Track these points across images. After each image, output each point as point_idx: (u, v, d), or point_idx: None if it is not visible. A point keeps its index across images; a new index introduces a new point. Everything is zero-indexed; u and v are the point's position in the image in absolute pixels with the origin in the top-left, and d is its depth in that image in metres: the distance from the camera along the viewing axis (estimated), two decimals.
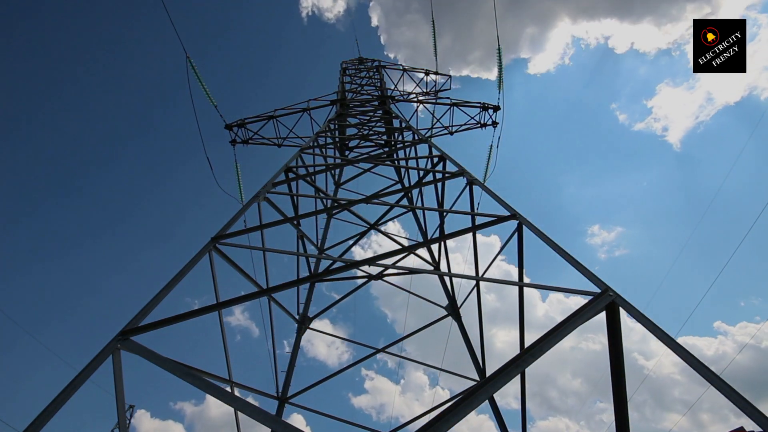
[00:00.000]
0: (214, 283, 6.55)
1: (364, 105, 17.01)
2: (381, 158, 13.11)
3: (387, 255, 6.87)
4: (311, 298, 11.73)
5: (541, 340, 4.19)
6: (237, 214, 7.30)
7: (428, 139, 11.32)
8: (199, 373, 5.98)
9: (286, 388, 9.58)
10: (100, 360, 4.50)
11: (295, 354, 10.42)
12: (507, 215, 6.75)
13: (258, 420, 3.88)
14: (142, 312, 5.11)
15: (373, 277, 11.67)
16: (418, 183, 11.81)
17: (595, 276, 5.00)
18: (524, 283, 6.54)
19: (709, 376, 3.93)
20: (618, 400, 4.40)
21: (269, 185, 8.52)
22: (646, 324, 4.40)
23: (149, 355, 4.57)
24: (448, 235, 7.79)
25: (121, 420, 4.46)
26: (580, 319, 4.42)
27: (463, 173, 8.71)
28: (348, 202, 10.18)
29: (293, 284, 6.57)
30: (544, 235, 6.06)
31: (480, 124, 17.52)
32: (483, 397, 3.81)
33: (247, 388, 7.86)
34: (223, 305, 5.81)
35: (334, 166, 12.53)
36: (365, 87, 19.44)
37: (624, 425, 4.36)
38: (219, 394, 4.15)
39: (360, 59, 22.88)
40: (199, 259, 6.14)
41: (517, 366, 4.04)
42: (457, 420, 3.61)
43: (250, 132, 16.52)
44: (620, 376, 4.42)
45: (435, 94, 20.02)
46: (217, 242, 6.60)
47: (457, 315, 10.92)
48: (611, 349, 4.49)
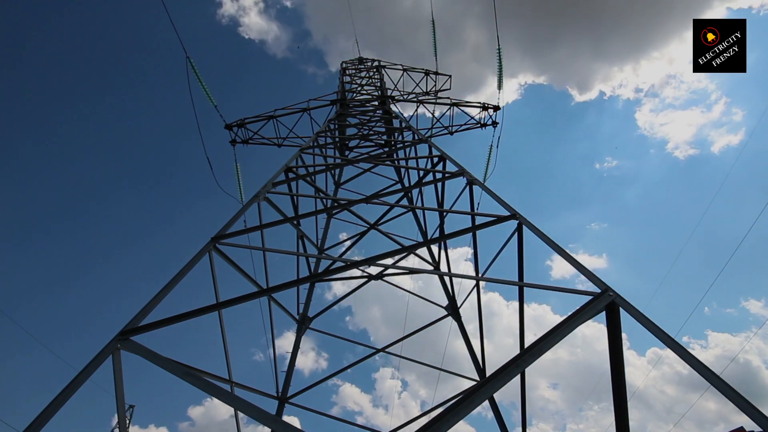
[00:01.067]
0: (214, 283, 6.55)
1: (364, 105, 17.01)
2: (381, 158, 13.10)
3: (387, 255, 6.86)
4: (311, 298, 11.74)
5: (541, 340, 4.19)
6: (237, 214, 7.29)
7: (428, 139, 11.32)
8: (199, 373, 5.98)
9: (286, 388, 9.58)
10: (100, 360, 4.50)
11: (295, 354, 10.42)
12: (507, 215, 6.74)
13: (258, 420, 3.87)
14: (142, 312, 5.11)
15: (373, 277, 11.67)
16: (418, 183, 11.81)
17: (595, 276, 5.00)
18: (524, 283, 6.53)
19: (708, 376, 3.93)
20: (618, 400, 4.40)
21: (269, 185, 8.51)
22: (646, 324, 4.39)
23: (149, 355, 4.56)
24: (448, 235, 7.79)
25: (121, 420, 4.46)
26: (580, 319, 4.42)
27: (463, 173, 8.71)
28: (348, 202, 10.18)
29: (293, 284, 6.57)
30: (544, 235, 6.06)
31: (480, 124, 17.52)
32: (483, 397, 3.81)
33: (247, 388, 7.86)
34: (223, 305, 5.80)
35: (334, 166, 12.53)
36: (365, 87, 19.45)
37: (624, 426, 4.36)
38: (219, 394, 4.15)
39: (360, 59, 22.87)
40: (199, 259, 6.14)
41: (517, 366, 4.03)
42: (457, 420, 3.61)
43: (250, 132, 16.54)
44: (620, 376, 4.41)
45: (435, 94, 20.02)
46: (217, 242, 6.59)
47: (457, 315, 10.93)
48: (611, 349, 4.49)
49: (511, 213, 6.71)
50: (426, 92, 20.02)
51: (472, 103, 17.58)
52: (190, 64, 12.87)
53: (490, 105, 17.29)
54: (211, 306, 5.66)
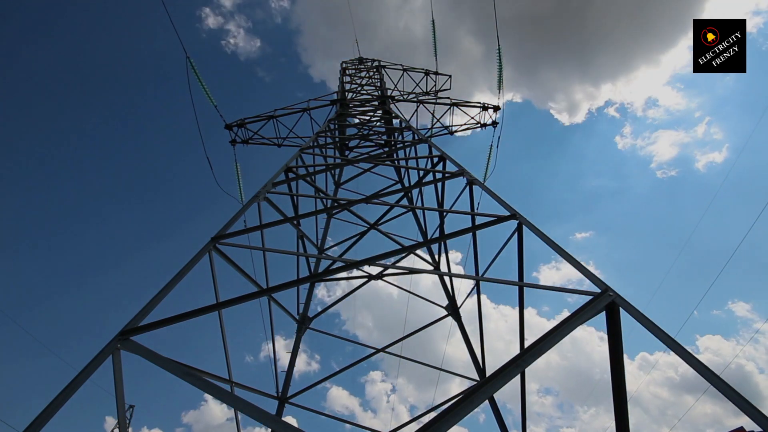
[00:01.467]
0: (214, 283, 6.55)
1: (364, 105, 17.00)
2: (381, 158, 13.10)
3: (387, 255, 6.86)
4: (311, 298, 11.75)
5: (541, 340, 4.18)
6: (237, 214, 7.29)
7: (428, 139, 11.32)
8: (199, 373, 5.98)
9: (286, 388, 9.58)
10: (100, 360, 4.50)
11: (294, 354, 10.43)
12: (507, 215, 6.74)
13: (258, 420, 3.87)
14: (142, 312, 5.11)
15: (373, 277, 11.68)
16: (418, 183, 11.80)
17: (595, 276, 4.99)
18: (524, 283, 6.53)
19: (708, 376, 3.93)
20: (618, 400, 4.39)
21: (269, 185, 8.51)
22: (646, 324, 4.39)
23: (149, 355, 4.57)
24: (448, 235, 7.79)
25: (121, 420, 4.46)
26: (580, 319, 4.42)
27: (463, 173, 8.71)
28: (348, 202, 10.18)
29: (293, 284, 6.57)
30: (544, 235, 6.05)
31: (480, 124, 17.51)
32: (483, 397, 3.81)
33: (247, 388, 7.86)
34: (223, 305, 5.80)
35: (334, 166, 12.53)
36: (365, 87, 19.44)
37: (624, 426, 4.35)
38: (219, 394, 4.15)
39: (360, 59, 22.86)
40: (199, 259, 6.14)
41: (517, 366, 4.03)
42: (457, 420, 3.61)
43: (250, 132, 16.54)
44: (620, 376, 4.41)
45: (435, 94, 20.02)
46: (217, 242, 6.59)
47: (457, 315, 10.93)
48: (611, 349, 4.48)
49: (511, 213, 6.71)
50: (426, 92, 20.02)
51: (472, 103, 17.58)
52: (190, 64, 12.86)
53: (490, 105, 17.29)
54: (211, 306, 5.66)
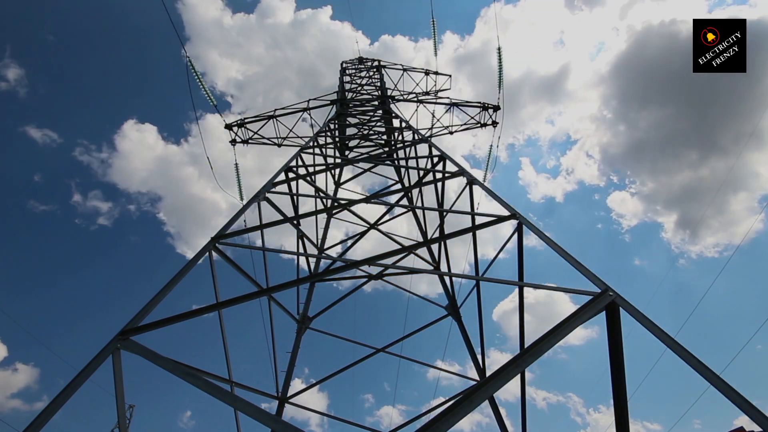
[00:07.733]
0: (214, 283, 6.55)
1: (364, 105, 17.00)
2: (381, 158, 13.10)
3: (387, 255, 6.86)
4: (311, 298, 11.73)
5: (541, 340, 4.18)
6: (237, 213, 7.29)
7: (428, 139, 11.32)
8: (199, 373, 5.97)
9: (286, 388, 9.58)
10: (100, 360, 4.50)
11: (295, 354, 10.41)
12: (507, 215, 6.74)
13: (258, 420, 3.87)
14: (142, 312, 5.11)
15: (373, 277, 11.67)
16: (418, 183, 11.80)
17: (595, 276, 5.00)
18: (524, 282, 6.52)
19: (709, 376, 3.93)
20: (618, 400, 4.40)
21: (269, 185, 8.51)
22: (646, 324, 4.39)
23: (149, 355, 4.57)
24: (448, 235, 7.78)
25: (121, 420, 4.46)
26: (580, 319, 4.41)
27: (463, 173, 8.70)
28: (348, 202, 10.18)
29: (293, 284, 6.57)
30: (544, 234, 6.05)
31: (480, 123, 17.52)
32: (483, 397, 3.81)
33: (247, 388, 7.86)
34: (223, 305, 5.80)
35: (334, 165, 12.54)
36: (365, 87, 19.44)
37: (624, 426, 4.35)
38: (219, 394, 4.15)
39: (360, 59, 22.86)
40: (199, 259, 6.14)
41: (517, 366, 4.03)
42: (457, 420, 3.61)
43: (250, 132, 16.55)
44: (620, 376, 4.41)
45: (435, 94, 20.02)
46: (217, 242, 6.59)
47: (457, 315, 10.92)
48: (611, 349, 4.48)
49: (511, 213, 6.70)
50: (426, 92, 20.02)
51: (472, 102, 17.58)
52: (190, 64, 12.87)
53: (490, 105, 17.29)
54: (211, 306, 5.66)
